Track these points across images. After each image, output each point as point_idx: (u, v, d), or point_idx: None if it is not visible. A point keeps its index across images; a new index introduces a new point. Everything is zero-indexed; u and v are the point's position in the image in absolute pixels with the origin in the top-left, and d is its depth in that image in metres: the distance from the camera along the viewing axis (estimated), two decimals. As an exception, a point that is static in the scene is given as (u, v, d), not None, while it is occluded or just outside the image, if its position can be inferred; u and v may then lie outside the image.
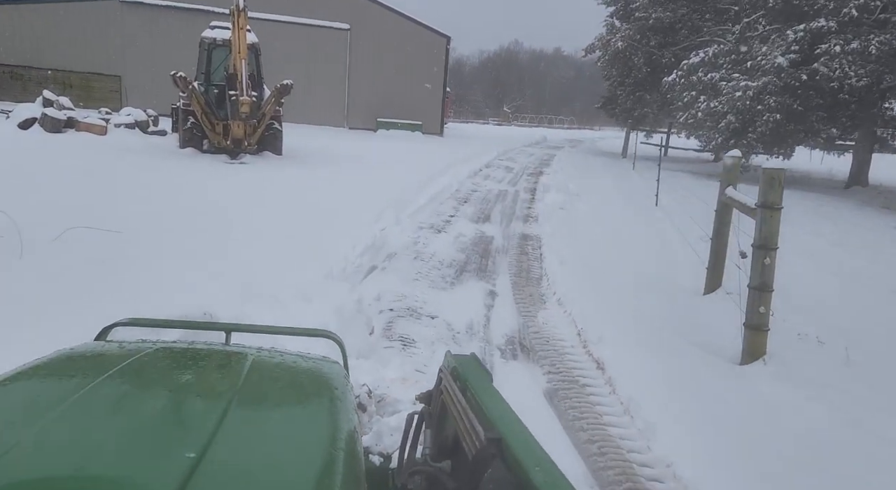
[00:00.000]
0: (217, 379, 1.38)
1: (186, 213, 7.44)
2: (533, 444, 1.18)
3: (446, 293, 5.76)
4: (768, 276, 4.67)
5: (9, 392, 1.15)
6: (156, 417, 1.10)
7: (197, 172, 11.14)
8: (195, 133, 13.88)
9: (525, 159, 20.92)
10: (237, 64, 12.73)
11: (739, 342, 4.88)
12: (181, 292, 4.26)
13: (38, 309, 3.94)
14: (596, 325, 5.00)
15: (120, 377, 1.23)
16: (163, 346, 1.48)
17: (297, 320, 3.51)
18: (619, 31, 23.91)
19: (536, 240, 8.51)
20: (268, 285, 4.71)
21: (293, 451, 1.07)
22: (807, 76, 17.13)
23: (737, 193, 5.84)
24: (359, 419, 1.39)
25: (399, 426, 2.65)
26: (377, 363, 3.95)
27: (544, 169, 18.21)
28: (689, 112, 20.68)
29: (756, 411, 3.79)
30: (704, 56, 20.34)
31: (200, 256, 5.41)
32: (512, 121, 63.81)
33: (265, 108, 14.07)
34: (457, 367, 1.64)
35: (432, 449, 1.54)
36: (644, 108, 24.79)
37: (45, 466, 0.90)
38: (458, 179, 13.12)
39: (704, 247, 8.95)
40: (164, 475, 0.88)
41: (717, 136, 19.69)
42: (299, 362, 1.52)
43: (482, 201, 11.33)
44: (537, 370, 4.34)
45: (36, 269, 4.71)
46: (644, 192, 14.63)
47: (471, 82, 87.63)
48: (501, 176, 15.52)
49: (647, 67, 23.98)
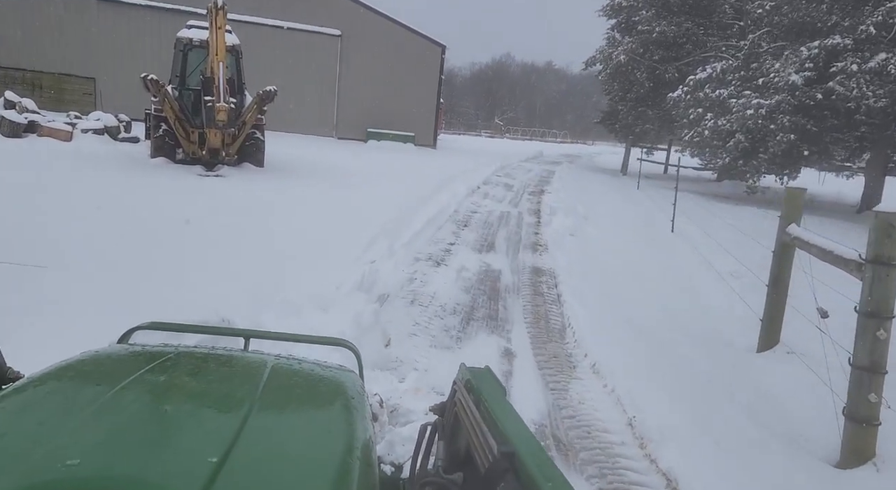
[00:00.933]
0: (238, 385, 1.37)
1: (138, 241, 6.22)
2: (546, 459, 1.16)
3: (451, 355, 4.59)
4: (881, 354, 3.56)
5: (39, 392, 1.18)
6: (180, 420, 1.14)
7: (163, 187, 9.92)
8: (167, 141, 12.67)
9: (524, 176, 19.85)
10: (214, 67, 11.56)
11: (833, 432, 3.77)
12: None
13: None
14: (648, 408, 3.85)
15: (145, 380, 1.27)
16: (185, 350, 1.54)
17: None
18: (622, 44, 23.01)
19: (550, 275, 7.38)
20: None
21: (312, 459, 1.09)
22: (822, 95, 16.27)
23: (811, 235, 4.73)
24: (374, 429, 1.40)
25: (411, 436, 2.72)
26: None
27: (545, 187, 17.14)
28: (694, 129, 19.76)
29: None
30: (712, 72, 19.45)
31: (128, 307, 4.17)
32: (504, 133, 62.96)
33: (245, 116, 12.90)
34: (471, 379, 1.61)
35: (445, 460, 1.47)
36: (646, 123, 23.86)
37: (73, 466, 0.91)
38: (457, 198, 11.99)
39: (738, 284, 7.89)
40: (189, 478, 0.91)
41: (725, 156, 18.74)
42: (317, 371, 1.57)
43: (484, 225, 10.20)
44: (581, 483, 3.18)
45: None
46: (655, 214, 13.59)
47: (462, 94, 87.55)
48: (501, 194, 14.41)
49: (650, 82, 23.09)
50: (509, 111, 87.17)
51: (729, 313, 6.49)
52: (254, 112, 12.90)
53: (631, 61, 22.81)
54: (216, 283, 5.05)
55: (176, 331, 1.93)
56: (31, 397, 1.15)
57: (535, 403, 4.00)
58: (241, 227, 7.43)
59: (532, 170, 22.76)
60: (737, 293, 6.85)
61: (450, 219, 10.24)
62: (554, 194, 15.14)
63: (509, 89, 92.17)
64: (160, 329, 1.78)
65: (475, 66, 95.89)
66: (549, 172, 22.28)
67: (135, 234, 6.45)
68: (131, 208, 7.86)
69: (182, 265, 5.58)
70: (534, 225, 10.89)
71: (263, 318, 4.15)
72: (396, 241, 7.65)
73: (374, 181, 13.46)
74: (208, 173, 12.18)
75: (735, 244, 10.28)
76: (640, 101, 23.79)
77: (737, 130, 18.03)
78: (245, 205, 9.02)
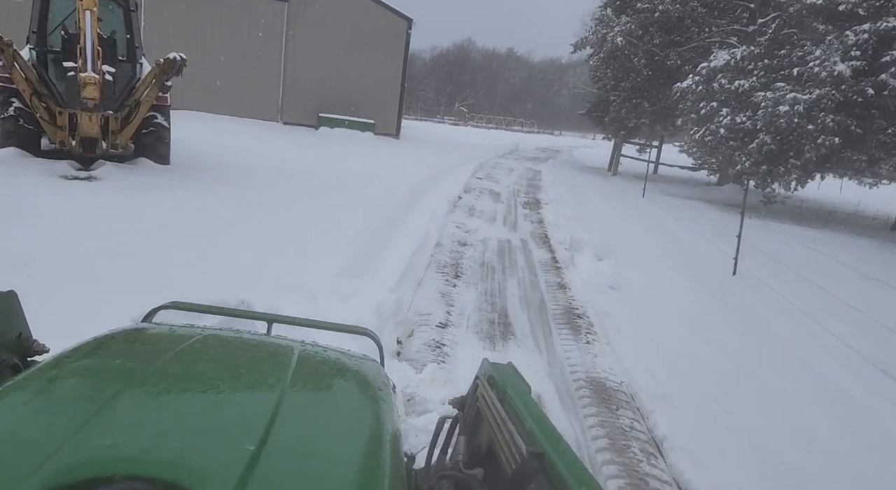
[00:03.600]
0: (267, 370, 1.33)
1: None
2: (576, 461, 1.09)
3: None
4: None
5: (73, 369, 1.17)
6: (214, 404, 1.11)
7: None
8: (23, 125, 8.81)
9: (508, 179, 16.49)
10: (80, 20, 7.76)
11: None
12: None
13: None
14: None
15: (178, 361, 1.25)
16: (212, 332, 1.51)
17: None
18: (618, 23, 19.80)
19: (627, 400, 4.06)
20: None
21: (344, 450, 1.07)
22: (873, 90, 13.47)
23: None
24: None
25: (425, 428, 2.87)
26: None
27: (538, 194, 13.85)
28: (706, 127, 16.78)
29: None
30: (730, 58, 16.43)
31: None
32: (468, 121, 59.55)
33: (140, 92, 9.13)
34: (494, 374, 1.52)
35: (465, 455, 1.38)
36: (641, 118, 20.79)
37: (115, 450, 0.89)
38: (436, 219, 8.56)
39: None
40: (227, 465, 0.89)
41: (744, 159, 15.78)
42: (343, 359, 1.53)
43: (482, 271, 6.82)
44: None
45: None
46: (694, 242, 10.46)
47: (422, 78, 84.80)
48: (490, 209, 11.03)
49: (649, 70, 20.00)
50: (470, 97, 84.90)
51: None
52: (152, 88, 9.12)
53: (628, 45, 19.64)
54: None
55: (199, 312, 1.96)
56: (65, 376, 1.14)
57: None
58: (53, 304, 3.83)
59: (514, 169, 19.41)
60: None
61: (432, 261, 6.80)
62: (552, 207, 11.86)
63: (471, 75, 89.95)
64: (183, 309, 1.80)
65: (436, 49, 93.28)
66: (534, 173, 18.98)
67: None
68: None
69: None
70: (550, 265, 7.56)
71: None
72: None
73: (322, 190, 9.85)
74: (80, 174, 8.41)
75: (844, 293, 7.22)
76: (636, 91, 20.69)
77: (761, 129, 15.10)
78: (94, 245, 5.35)
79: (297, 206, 8.25)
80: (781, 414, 4.18)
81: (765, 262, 8.75)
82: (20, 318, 1.55)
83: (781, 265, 8.70)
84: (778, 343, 5.74)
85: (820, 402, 4.49)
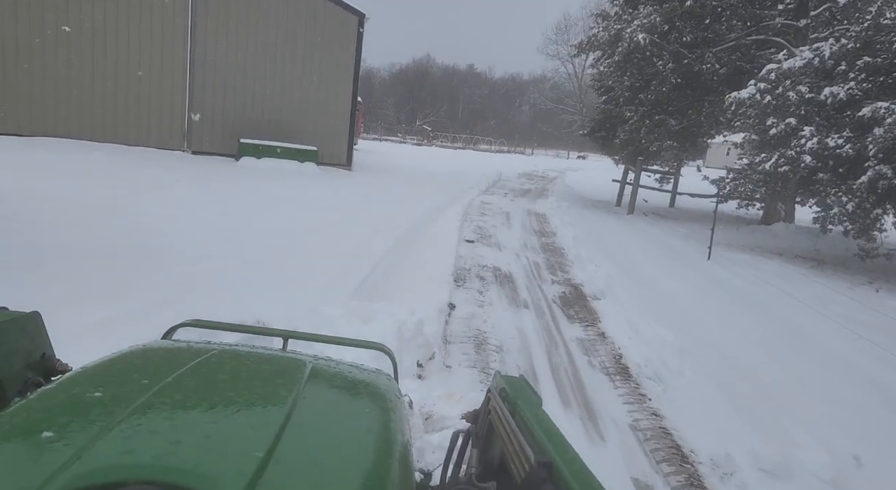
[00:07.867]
0: (280, 383, 1.34)
1: None
2: (585, 469, 1.10)
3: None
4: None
5: (92, 384, 1.17)
6: (226, 415, 1.11)
7: None
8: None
9: (510, 238, 11.24)
10: None
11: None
12: None
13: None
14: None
15: (193, 375, 1.27)
16: (227, 348, 1.53)
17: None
18: (638, 16, 14.95)
19: None
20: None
21: (352, 460, 1.07)
22: None
23: None
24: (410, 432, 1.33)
25: (441, 445, 2.80)
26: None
27: (568, 269, 8.69)
28: (778, 151, 11.98)
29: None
30: (814, 56, 11.67)
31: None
32: (432, 140, 54.49)
33: None
34: (506, 387, 1.54)
35: (478, 468, 1.40)
36: (667, 139, 15.92)
37: (129, 456, 0.91)
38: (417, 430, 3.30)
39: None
40: (237, 471, 0.90)
41: (846, 201, 10.98)
42: (355, 373, 1.53)
43: None
44: None
45: None
46: (844, 390, 5.40)
47: (381, 96, 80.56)
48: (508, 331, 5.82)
49: (677, 76, 15.19)
50: (432, 114, 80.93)
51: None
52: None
53: (651, 44, 14.79)
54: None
55: (218, 329, 1.92)
56: (85, 389, 1.15)
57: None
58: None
59: (510, 214, 14.17)
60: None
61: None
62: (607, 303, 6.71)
63: (431, 91, 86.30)
64: (203, 327, 1.84)
65: (395, 66, 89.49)
66: (538, 220, 13.81)
67: None
68: None
69: None
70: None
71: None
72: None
73: (212, 294, 4.42)
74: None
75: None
76: (659, 104, 15.86)
77: (875, 156, 10.41)
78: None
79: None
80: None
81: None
82: (44, 338, 1.61)
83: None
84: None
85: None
